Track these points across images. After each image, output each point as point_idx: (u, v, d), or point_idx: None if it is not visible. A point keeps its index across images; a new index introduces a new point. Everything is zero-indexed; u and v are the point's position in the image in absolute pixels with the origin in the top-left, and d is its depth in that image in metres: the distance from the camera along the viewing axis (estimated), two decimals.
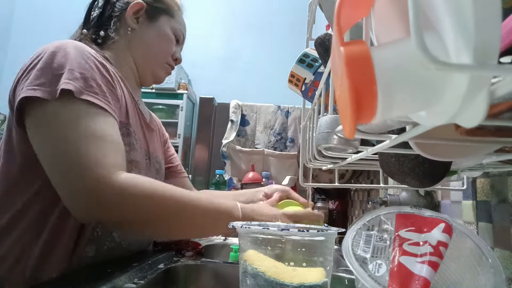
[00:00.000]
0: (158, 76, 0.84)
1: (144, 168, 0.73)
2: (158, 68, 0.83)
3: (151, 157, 0.78)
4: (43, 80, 0.56)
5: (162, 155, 0.90)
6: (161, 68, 0.83)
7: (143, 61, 0.80)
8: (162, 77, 0.85)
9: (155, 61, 0.82)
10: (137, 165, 0.69)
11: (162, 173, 0.86)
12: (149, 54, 0.80)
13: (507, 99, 0.17)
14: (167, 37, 0.82)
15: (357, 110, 0.17)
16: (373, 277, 0.38)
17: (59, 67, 0.57)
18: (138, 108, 0.79)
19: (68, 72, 0.56)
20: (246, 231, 0.42)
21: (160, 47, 0.81)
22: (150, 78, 0.83)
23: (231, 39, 3.12)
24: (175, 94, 2.67)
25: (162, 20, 0.81)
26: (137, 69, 0.81)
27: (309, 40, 0.58)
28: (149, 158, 0.77)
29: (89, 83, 0.57)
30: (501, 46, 0.17)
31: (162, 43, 0.81)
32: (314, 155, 0.47)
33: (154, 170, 0.79)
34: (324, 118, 0.37)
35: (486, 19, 0.13)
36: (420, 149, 0.30)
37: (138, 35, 0.79)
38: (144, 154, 0.75)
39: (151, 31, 0.80)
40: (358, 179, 1.30)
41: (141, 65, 0.81)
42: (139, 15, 0.78)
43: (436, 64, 0.14)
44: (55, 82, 0.56)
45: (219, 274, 0.74)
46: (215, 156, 1.87)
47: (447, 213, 0.65)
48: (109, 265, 0.61)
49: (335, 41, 0.20)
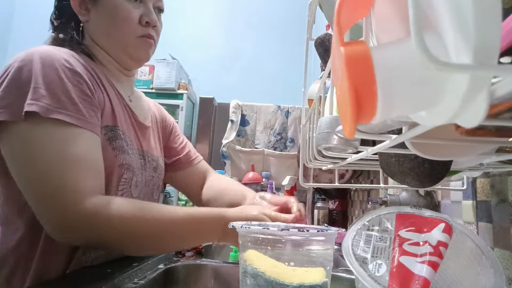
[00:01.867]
0: (136, 54, 0.73)
1: (139, 168, 0.71)
2: (131, 46, 0.71)
3: (146, 156, 0.76)
4: (8, 101, 0.53)
5: (161, 152, 0.86)
6: (134, 45, 0.71)
7: (112, 46, 0.71)
8: (141, 54, 0.73)
9: (122, 40, 0.71)
10: (129, 167, 0.66)
11: (161, 170, 0.83)
12: (112, 37, 0.70)
13: (507, 99, 0.17)
14: (119, 7, 0.69)
15: (357, 110, 0.17)
16: (373, 277, 0.38)
17: (24, 85, 0.54)
18: (128, 107, 0.74)
19: (33, 91, 0.53)
20: (246, 231, 0.42)
21: (117, 23, 0.69)
22: (130, 60, 0.74)
23: (231, 39, 3.12)
24: (175, 94, 2.67)
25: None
26: (112, 57, 0.73)
27: (309, 40, 0.58)
28: (144, 157, 0.75)
29: (57, 98, 0.54)
30: (501, 46, 0.17)
31: (117, 18, 0.69)
32: (314, 155, 0.47)
33: (151, 169, 0.77)
34: (324, 118, 0.37)
35: (486, 19, 0.13)
36: (416, 149, 0.30)
37: (94, 23, 0.71)
38: (137, 154, 0.72)
39: (102, 13, 0.69)
40: (358, 179, 1.30)
41: (112, 52, 0.72)
42: (84, 4, 0.70)
43: (436, 64, 0.14)
44: (20, 102, 0.53)
45: (219, 274, 0.74)
46: (215, 156, 1.87)
47: (447, 213, 0.65)
48: (109, 265, 0.61)
49: (335, 41, 0.20)
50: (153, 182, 0.78)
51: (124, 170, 0.65)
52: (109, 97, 0.67)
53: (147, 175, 0.75)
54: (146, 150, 0.77)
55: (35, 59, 0.56)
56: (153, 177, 0.78)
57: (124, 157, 0.66)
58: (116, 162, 0.63)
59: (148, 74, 2.70)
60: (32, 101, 0.53)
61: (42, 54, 0.57)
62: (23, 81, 0.54)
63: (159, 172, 0.82)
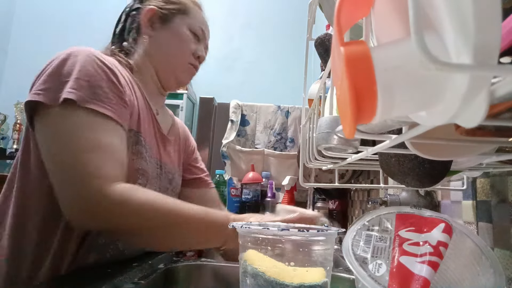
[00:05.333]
0: (181, 79, 0.83)
1: (155, 177, 0.73)
2: (180, 70, 0.82)
3: (163, 166, 0.78)
4: (48, 85, 0.57)
5: (179, 167, 0.89)
6: (183, 70, 0.82)
7: (163, 65, 0.80)
8: (185, 79, 0.84)
9: (175, 63, 0.80)
10: (144, 173, 0.69)
11: (176, 183, 0.85)
12: (168, 58, 0.80)
13: (507, 99, 0.17)
14: (183, 36, 0.80)
15: (357, 110, 0.17)
16: (373, 277, 0.38)
17: (66, 74, 0.58)
18: (154, 117, 0.78)
19: (74, 81, 0.57)
20: (246, 231, 0.42)
21: (177, 48, 0.80)
22: (173, 82, 0.83)
23: (231, 39, 3.12)
24: (175, 94, 2.67)
25: (176, 20, 0.80)
26: (158, 75, 0.80)
27: (309, 40, 0.58)
28: (160, 167, 0.77)
29: (94, 91, 0.58)
30: (501, 46, 0.17)
31: (179, 44, 0.80)
32: (314, 155, 0.47)
33: (166, 180, 0.79)
34: (324, 118, 0.37)
35: (486, 19, 0.13)
36: (416, 149, 0.30)
37: (155, 41, 0.78)
38: (154, 163, 0.74)
39: (166, 34, 0.79)
40: (358, 179, 1.30)
41: (162, 70, 0.80)
42: (153, 20, 0.78)
43: (436, 64, 0.14)
44: (60, 89, 0.56)
45: (219, 274, 0.74)
46: (215, 156, 1.86)
47: (447, 213, 0.65)
48: (109, 265, 0.61)
49: (335, 41, 0.20)
50: (167, 193, 0.79)
51: (140, 175, 0.67)
52: (138, 103, 0.70)
53: (161, 185, 0.77)
54: (164, 162, 0.79)
55: (81, 54, 0.61)
56: (168, 189, 0.80)
57: (141, 163, 0.68)
58: (133, 166, 0.65)
59: None
60: (72, 90, 0.56)
61: (87, 51, 0.62)
62: (67, 71, 0.58)
63: (174, 185, 0.84)
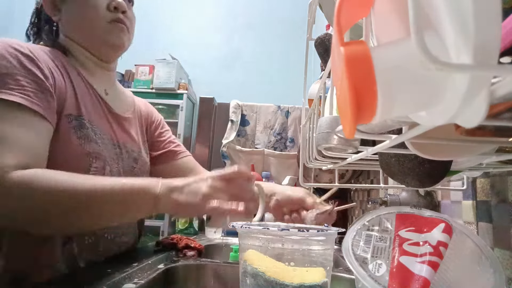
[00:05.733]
0: (110, 41, 0.75)
1: (114, 158, 0.72)
2: (103, 32, 0.74)
3: (122, 146, 0.77)
4: None
5: (144, 145, 0.87)
6: (107, 31, 0.74)
7: (84, 36, 0.74)
8: (115, 39, 0.75)
9: (93, 28, 0.73)
10: (99, 156, 0.67)
11: (143, 161, 0.84)
12: (84, 26, 0.74)
13: (507, 99, 0.17)
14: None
15: (357, 110, 0.17)
16: (373, 277, 0.38)
17: None
18: (99, 98, 0.75)
19: None
20: (246, 231, 0.42)
21: (86, 12, 0.73)
22: (105, 48, 0.76)
23: (231, 39, 3.12)
24: (175, 94, 2.67)
25: None
26: (87, 49, 0.75)
27: (309, 40, 0.58)
28: (119, 147, 0.76)
29: (4, 80, 0.57)
30: (501, 46, 0.17)
31: (85, 7, 0.72)
32: (314, 155, 0.47)
33: (130, 159, 0.78)
34: (324, 118, 0.37)
35: (486, 19, 0.13)
36: (416, 149, 0.30)
37: (65, 19, 0.75)
38: (110, 145, 0.73)
39: (71, 7, 0.74)
40: (358, 179, 1.30)
41: (86, 42, 0.75)
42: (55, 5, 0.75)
43: (436, 64, 0.14)
44: None
45: (219, 274, 0.74)
46: (215, 156, 1.86)
47: (447, 213, 0.65)
48: (109, 265, 0.61)
49: (335, 41, 0.20)
50: (133, 173, 0.79)
51: (93, 159, 0.66)
52: (74, 86, 0.69)
53: (125, 165, 0.76)
54: (123, 141, 0.78)
55: None
56: (134, 168, 0.79)
57: (92, 146, 0.67)
58: (82, 151, 0.64)
59: (148, 74, 2.70)
60: None
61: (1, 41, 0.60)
62: None
63: (140, 163, 0.82)
